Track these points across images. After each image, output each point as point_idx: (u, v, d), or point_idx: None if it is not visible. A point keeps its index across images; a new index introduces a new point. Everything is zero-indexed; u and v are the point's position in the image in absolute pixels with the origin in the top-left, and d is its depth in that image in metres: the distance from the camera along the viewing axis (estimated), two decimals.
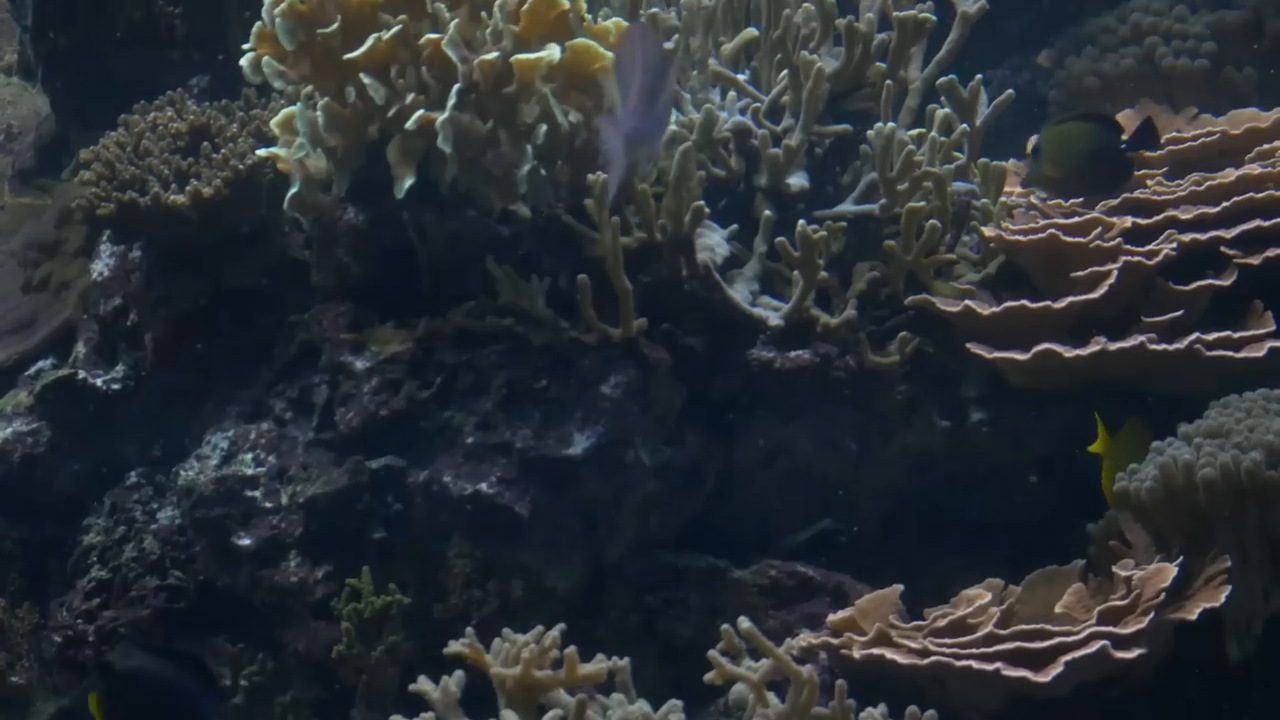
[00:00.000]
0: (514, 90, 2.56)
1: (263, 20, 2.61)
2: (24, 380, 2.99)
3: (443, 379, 2.61)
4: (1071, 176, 2.74)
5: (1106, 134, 2.74)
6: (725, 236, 2.78)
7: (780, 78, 2.91)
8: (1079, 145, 2.71)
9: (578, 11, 2.62)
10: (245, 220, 2.78)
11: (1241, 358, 2.51)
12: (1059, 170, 2.73)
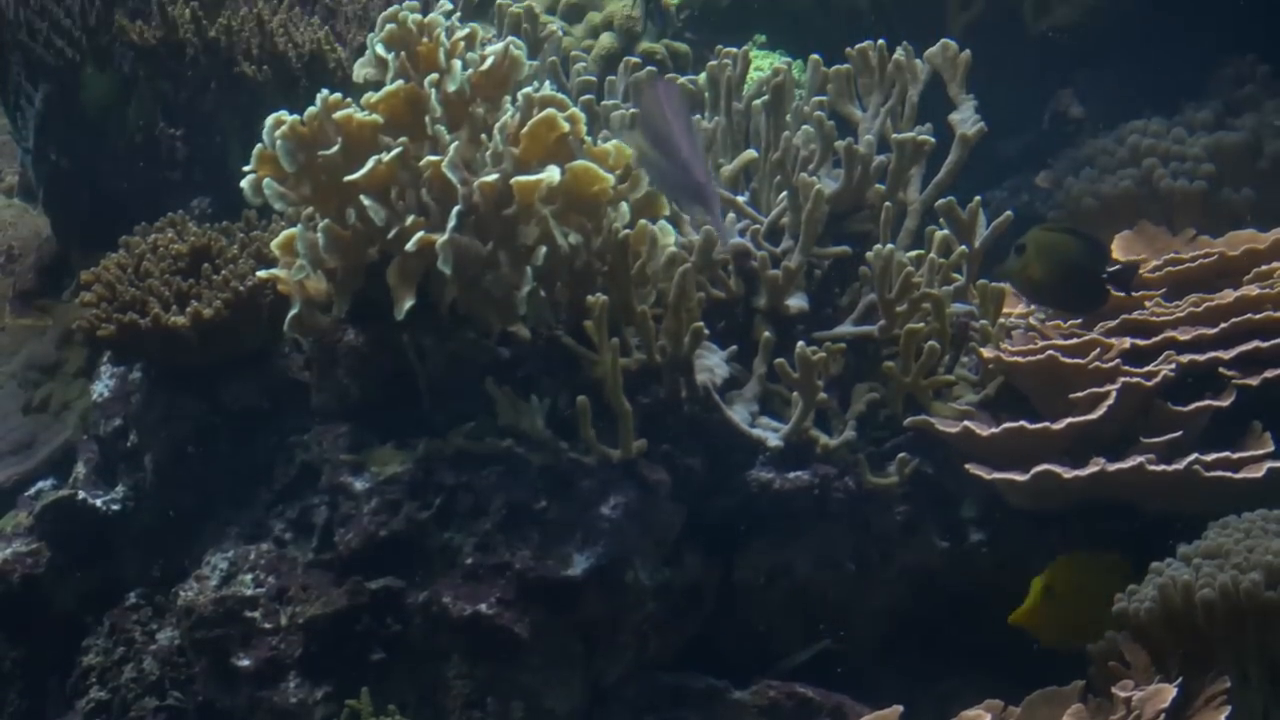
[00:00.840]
0: (514, 212, 2.64)
1: (263, 142, 2.70)
2: (24, 501, 3.06)
3: (442, 500, 2.68)
4: (1046, 286, 2.81)
5: (1093, 256, 2.81)
6: (725, 358, 2.86)
7: (780, 199, 3.00)
8: (1063, 258, 2.78)
9: (578, 134, 2.71)
10: (245, 341, 2.88)
11: (1240, 478, 2.58)
12: (1038, 274, 2.79)
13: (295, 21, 3.23)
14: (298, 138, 2.69)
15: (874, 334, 2.91)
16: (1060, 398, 2.73)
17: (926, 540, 2.82)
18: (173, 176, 3.24)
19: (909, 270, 2.83)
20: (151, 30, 3.21)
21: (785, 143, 3.01)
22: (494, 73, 2.75)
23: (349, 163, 2.65)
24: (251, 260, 2.87)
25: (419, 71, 2.73)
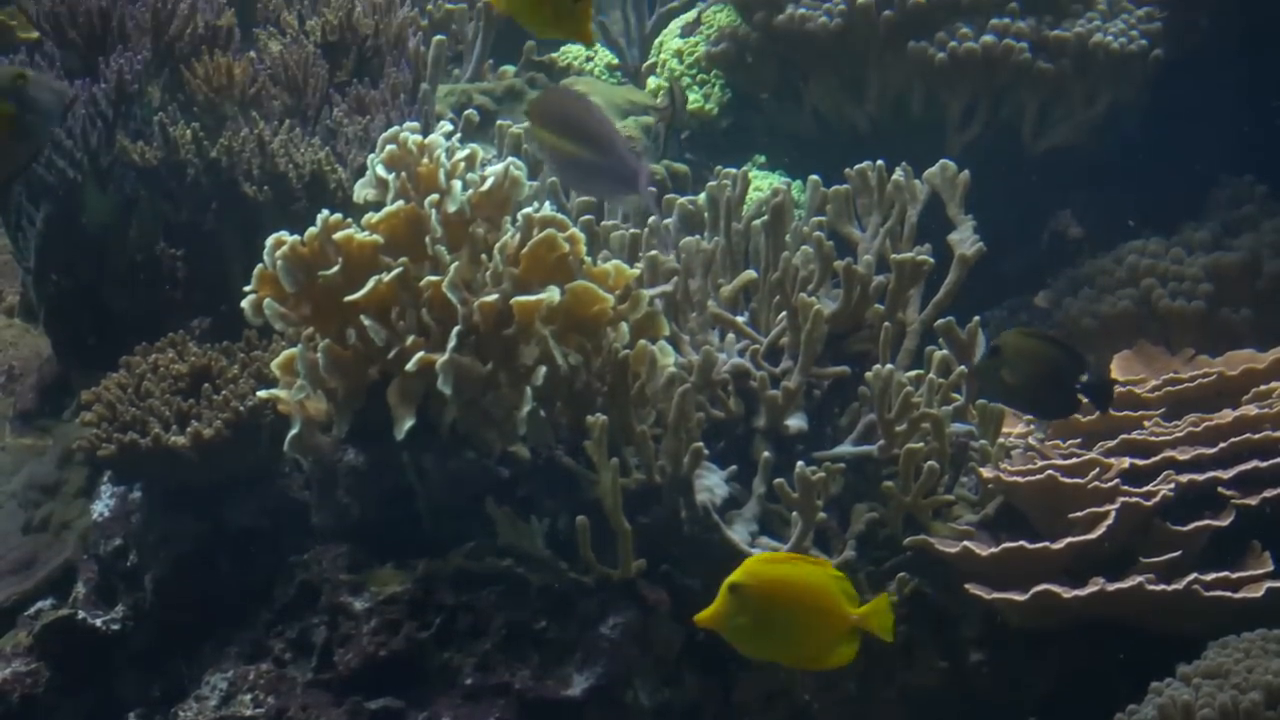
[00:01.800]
0: (514, 332, 2.72)
1: (264, 262, 2.79)
2: (24, 620, 3.11)
3: (442, 620, 2.75)
4: (1018, 390, 2.83)
5: (1067, 364, 2.82)
6: (724, 478, 2.92)
7: (779, 319, 3.09)
8: (1037, 363, 2.80)
9: (577, 254, 2.79)
10: (246, 461, 2.96)
11: (1240, 598, 2.64)
12: (1011, 378, 2.81)
13: (296, 142, 3.32)
14: (298, 258, 2.77)
15: (873, 454, 2.98)
16: (1060, 517, 2.80)
17: (926, 660, 2.89)
18: (173, 296, 3.33)
19: (908, 390, 2.91)
20: (153, 151, 3.31)
21: (784, 263, 3.08)
22: (494, 193, 2.84)
23: (349, 283, 2.73)
24: (252, 380, 2.95)
25: (419, 192, 2.82)
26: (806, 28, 3.92)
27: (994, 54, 3.83)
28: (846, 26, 3.89)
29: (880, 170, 3.22)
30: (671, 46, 4.37)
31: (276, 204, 3.25)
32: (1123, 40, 3.86)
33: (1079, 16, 3.91)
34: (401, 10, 3.83)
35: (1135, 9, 3.96)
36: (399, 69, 3.60)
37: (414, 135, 2.86)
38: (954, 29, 3.86)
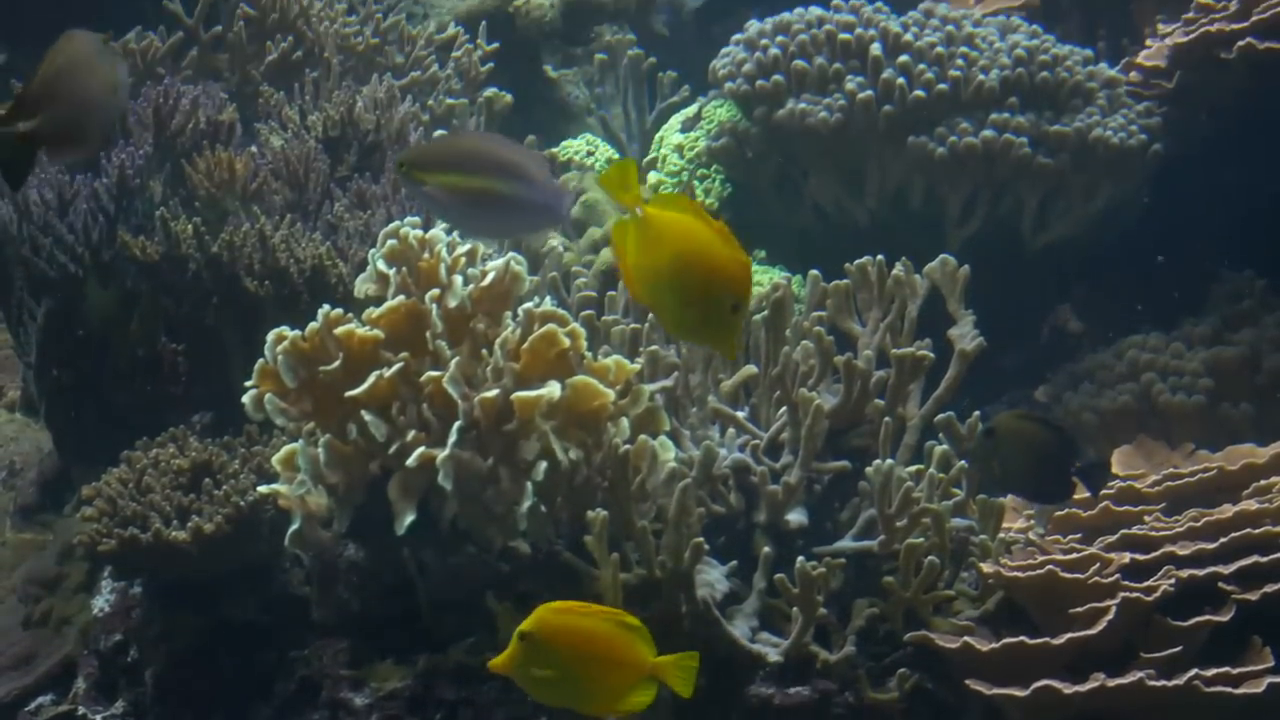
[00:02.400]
0: (514, 427, 2.76)
1: (265, 357, 2.83)
2: (24, 716, 3.15)
3: (443, 716, 2.78)
4: (1013, 474, 2.88)
5: (1062, 448, 2.87)
6: (725, 573, 2.95)
7: (779, 414, 3.13)
8: (1032, 447, 2.85)
9: (578, 349, 2.85)
10: (246, 556, 3.01)
11: (1241, 694, 2.67)
12: (1006, 462, 2.86)
13: (297, 237, 3.38)
14: (299, 353, 2.82)
15: (874, 549, 3.02)
16: (1060, 612, 2.83)
17: None
18: (174, 391, 3.39)
19: (909, 485, 2.95)
20: (154, 245, 3.38)
21: (785, 358, 3.13)
22: (495, 288, 2.90)
23: (350, 378, 2.78)
24: (253, 475, 3.01)
25: (420, 287, 2.88)
26: (807, 123, 4.00)
27: (994, 149, 3.91)
28: (846, 122, 3.97)
29: (880, 265, 3.28)
30: (672, 141, 4.45)
31: (277, 299, 3.31)
32: (1122, 135, 3.95)
33: (1079, 111, 4.00)
34: (403, 105, 3.92)
35: (1135, 104, 4.06)
36: None
37: (415, 230, 2.91)
38: (954, 124, 3.94)
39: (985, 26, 4.20)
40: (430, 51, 4.55)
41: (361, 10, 4.58)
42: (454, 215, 2.74)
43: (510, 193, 2.60)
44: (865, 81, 4.00)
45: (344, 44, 4.39)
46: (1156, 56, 4.09)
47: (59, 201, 3.43)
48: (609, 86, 4.83)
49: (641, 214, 2.17)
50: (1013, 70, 4.00)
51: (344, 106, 3.81)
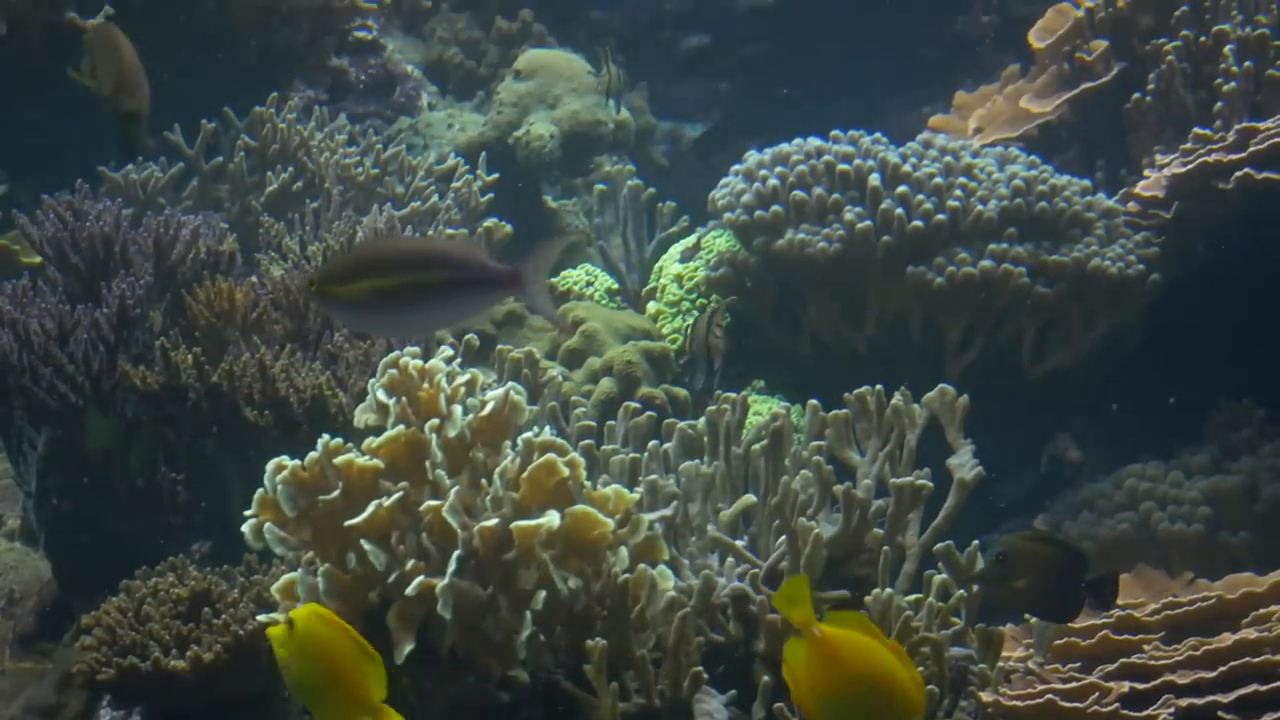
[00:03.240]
0: (514, 557, 2.80)
1: (265, 487, 2.87)
2: None
3: None
4: (1027, 596, 2.95)
5: (1072, 564, 2.95)
6: (724, 702, 2.97)
7: (779, 544, 3.16)
8: (1043, 567, 2.92)
9: (577, 479, 2.88)
10: (246, 685, 3.04)
11: None
12: (1020, 585, 2.93)
13: (297, 367, 3.45)
14: (299, 483, 2.86)
15: None
16: None
17: None
18: (174, 520, 3.45)
19: (908, 614, 2.96)
20: (154, 375, 3.45)
21: (784, 487, 3.16)
22: (494, 418, 2.95)
23: (350, 507, 2.82)
24: (252, 604, 3.05)
25: (420, 417, 2.92)
26: (805, 253, 4.10)
27: (992, 279, 4.01)
28: (845, 251, 4.07)
29: (879, 395, 3.33)
30: (671, 271, 4.54)
31: (277, 428, 3.38)
32: (1120, 265, 4.05)
33: (1077, 241, 4.10)
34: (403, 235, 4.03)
35: (1133, 234, 4.16)
36: None
37: (414, 360, 2.96)
38: (952, 254, 4.04)
39: (984, 157, 4.32)
40: (430, 182, 4.67)
41: (362, 141, 4.71)
42: (387, 319, 2.74)
43: (443, 278, 2.63)
44: (864, 212, 4.10)
45: (344, 174, 4.51)
46: (1154, 187, 4.20)
47: (59, 331, 3.50)
48: (608, 216, 4.94)
49: (818, 634, 2.27)
50: (1011, 200, 4.11)
51: (344, 237, 3.90)
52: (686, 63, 6.61)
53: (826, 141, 4.31)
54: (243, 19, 4.73)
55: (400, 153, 4.72)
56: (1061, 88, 4.85)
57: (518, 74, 5.29)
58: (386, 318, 2.72)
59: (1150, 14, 4.67)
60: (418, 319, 2.79)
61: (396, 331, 3.02)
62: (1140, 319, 4.15)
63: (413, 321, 2.82)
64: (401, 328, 2.98)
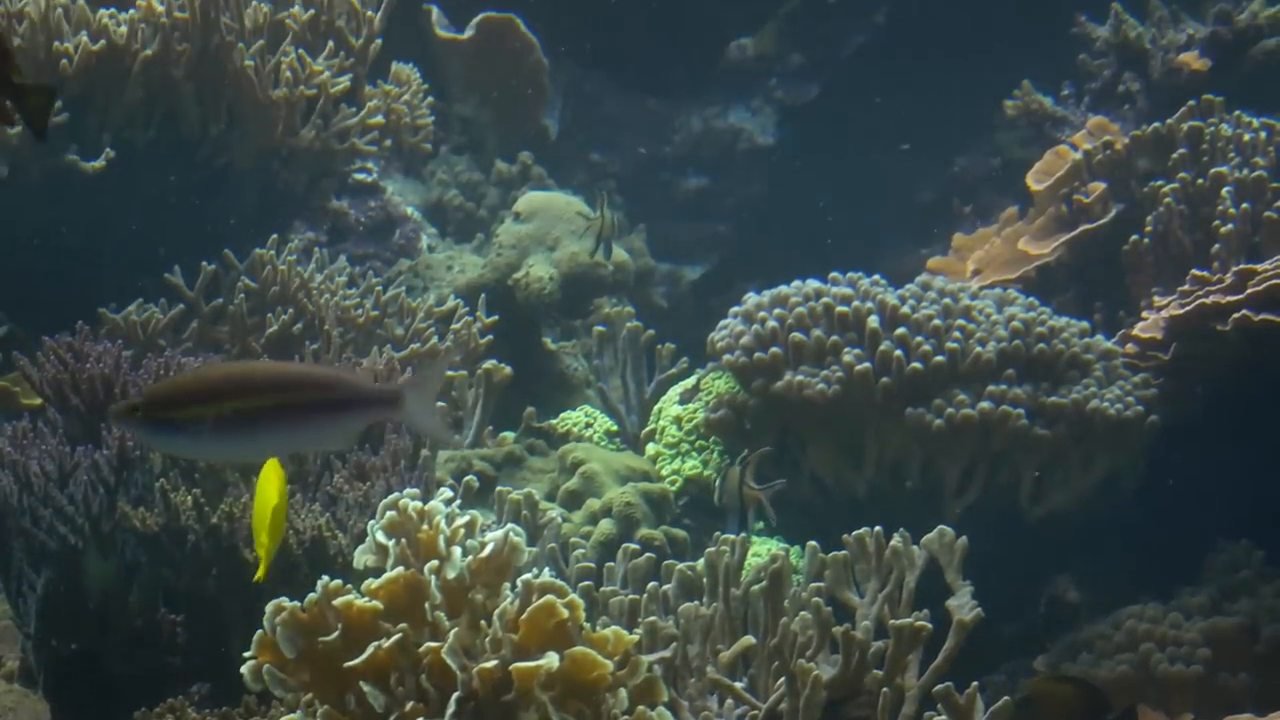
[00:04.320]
0: (513, 698, 2.82)
1: (264, 628, 2.89)
2: None
3: None
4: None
5: (1094, 704, 3.00)
6: None
7: (778, 685, 3.21)
8: (1066, 708, 2.97)
9: (576, 620, 2.89)
10: None
11: None
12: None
13: (296, 508, 3.50)
14: (298, 624, 2.88)
15: None
16: None
17: None
18: (173, 662, 3.49)
19: None
20: (154, 517, 3.50)
21: (783, 629, 3.21)
22: (494, 559, 2.98)
23: (349, 649, 2.85)
24: None
25: (419, 558, 2.96)
26: (804, 394, 4.19)
27: (991, 420, 4.09)
28: (844, 393, 4.15)
29: (878, 536, 3.38)
30: (670, 413, 4.62)
31: (277, 570, 3.43)
32: (1119, 407, 4.13)
33: (1075, 383, 4.19)
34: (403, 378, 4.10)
35: (1132, 375, 4.25)
36: (399, 435, 3.83)
37: (414, 502, 2.99)
38: (951, 395, 4.12)
39: (982, 299, 4.42)
40: (430, 324, 4.76)
41: (362, 283, 4.80)
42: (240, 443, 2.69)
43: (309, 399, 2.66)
44: (863, 354, 4.19)
45: (344, 316, 4.60)
46: (1153, 328, 4.29)
47: (59, 473, 3.56)
48: (608, 358, 5.03)
49: None
50: (1010, 342, 4.20)
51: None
52: (686, 204, 6.75)
53: (825, 283, 4.41)
54: (244, 162, 4.84)
55: (400, 294, 4.81)
56: (1059, 230, 4.97)
57: (517, 216, 5.40)
58: (239, 442, 2.69)
59: (1148, 156, 4.79)
60: (277, 442, 2.78)
61: (252, 456, 3.01)
62: (1139, 460, 4.23)
63: (271, 444, 2.81)
64: (257, 451, 2.94)
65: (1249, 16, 5.39)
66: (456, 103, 6.24)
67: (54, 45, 4.41)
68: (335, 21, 4.95)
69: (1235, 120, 4.66)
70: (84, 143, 4.54)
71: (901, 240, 6.26)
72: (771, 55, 6.81)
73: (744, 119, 6.79)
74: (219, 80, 4.67)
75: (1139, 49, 5.63)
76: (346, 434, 2.90)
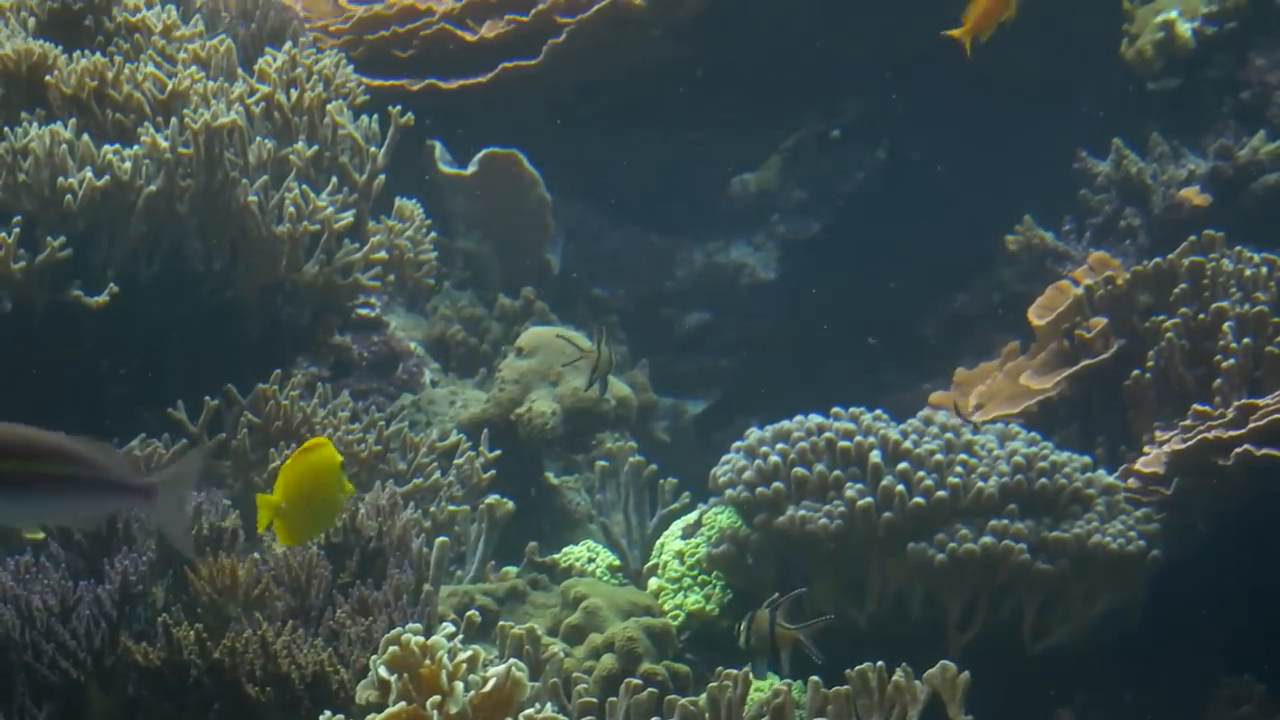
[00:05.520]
0: None
1: None
2: None
3: None
4: None
5: None
6: None
7: None
8: None
9: None
10: None
11: None
12: None
13: (299, 643, 3.54)
14: None
15: None
16: None
17: None
18: None
19: None
20: (156, 652, 3.54)
21: None
22: (496, 695, 3.03)
23: None
24: None
25: (421, 693, 3.00)
26: (807, 529, 4.25)
27: (993, 555, 4.15)
28: (847, 528, 4.21)
29: (881, 671, 3.43)
30: (673, 548, 4.68)
31: (279, 705, 3.45)
32: (1121, 541, 4.20)
33: (1077, 518, 4.25)
34: (405, 512, 4.16)
35: (1133, 510, 4.31)
36: (402, 570, 3.88)
37: (416, 637, 3.05)
38: (953, 530, 4.19)
39: (984, 434, 4.49)
40: (433, 459, 4.84)
41: (365, 418, 4.88)
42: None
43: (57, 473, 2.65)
44: (865, 488, 4.26)
45: (347, 450, 4.67)
46: (1154, 463, 4.36)
47: (62, 607, 3.60)
48: (610, 493, 5.10)
49: None
50: (1012, 477, 4.27)
51: (346, 513, 4.04)
52: (689, 339, 6.85)
53: (827, 418, 4.48)
54: (247, 296, 4.92)
55: (403, 429, 4.89)
56: (1061, 364, 5.05)
57: (520, 351, 5.49)
58: None
59: (1149, 291, 4.88)
60: (15, 510, 2.78)
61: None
62: (1141, 593, 4.27)
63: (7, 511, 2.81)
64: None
65: (1249, 152, 5.50)
66: (460, 237, 6.35)
67: (59, 181, 4.49)
68: (339, 157, 5.04)
69: (1236, 255, 4.75)
70: (88, 277, 4.61)
71: (903, 374, 6.35)
72: (774, 190, 6.94)
73: (747, 254, 6.91)
74: (223, 215, 4.75)
75: (1140, 184, 5.75)
76: (90, 516, 2.99)
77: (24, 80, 4.75)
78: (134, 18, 5.07)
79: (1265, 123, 5.59)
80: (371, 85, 5.54)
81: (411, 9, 6.37)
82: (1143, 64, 5.88)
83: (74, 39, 4.99)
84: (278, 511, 3.25)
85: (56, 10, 5.03)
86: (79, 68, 4.70)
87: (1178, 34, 5.79)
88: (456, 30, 6.31)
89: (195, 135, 4.64)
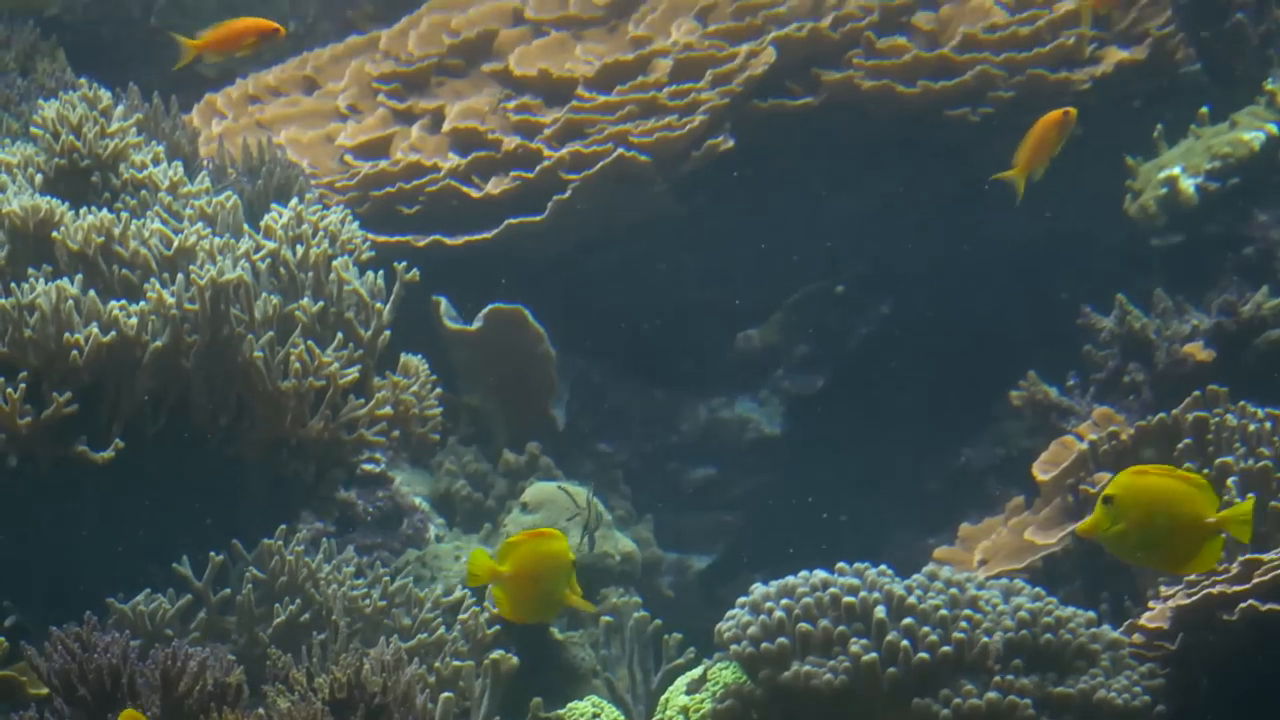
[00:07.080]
0: None
1: None
2: None
3: None
4: None
5: None
6: None
7: None
8: None
9: None
10: None
11: None
12: None
13: None
14: None
15: None
16: None
17: None
18: None
19: None
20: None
21: None
22: None
23: None
24: None
25: None
26: (811, 684, 4.30)
27: (998, 711, 4.18)
28: (851, 684, 4.27)
29: None
30: (677, 703, 4.72)
31: None
32: (1126, 697, 4.24)
33: (1082, 673, 4.30)
34: (410, 668, 4.23)
35: (1138, 665, 4.36)
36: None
37: None
38: (958, 686, 4.25)
39: (989, 589, 4.56)
40: (437, 614, 4.91)
41: (369, 573, 4.96)
42: None
43: None
44: (869, 644, 4.32)
45: (352, 606, 4.75)
46: (1159, 618, 4.41)
47: None
48: (615, 648, 5.16)
49: None
50: (1016, 632, 4.33)
51: (351, 669, 4.10)
52: (693, 494, 6.92)
53: (832, 574, 4.55)
54: (252, 451, 5.01)
55: (408, 585, 4.96)
56: (1066, 520, 5.12)
57: (525, 506, 5.58)
58: None
59: (1153, 446, 4.95)
60: None
61: None
62: None
63: None
64: None
65: (1253, 307, 5.59)
66: (464, 393, 6.45)
67: (65, 336, 4.60)
68: (344, 313, 5.14)
69: (1240, 410, 4.83)
70: (93, 433, 4.70)
71: (908, 530, 6.43)
72: (778, 345, 7.05)
73: (751, 409, 7.00)
74: (228, 371, 4.86)
75: (1143, 340, 5.84)
76: None
77: (31, 236, 4.88)
78: (141, 174, 5.22)
79: (1269, 278, 5.69)
80: (377, 241, 5.65)
81: (417, 165, 6.52)
82: (1146, 219, 6.00)
83: (81, 195, 5.13)
84: (500, 579, 3.25)
85: (64, 167, 5.18)
86: (86, 224, 4.83)
87: (1181, 190, 5.92)
88: (462, 187, 6.46)
89: (201, 291, 4.76)
